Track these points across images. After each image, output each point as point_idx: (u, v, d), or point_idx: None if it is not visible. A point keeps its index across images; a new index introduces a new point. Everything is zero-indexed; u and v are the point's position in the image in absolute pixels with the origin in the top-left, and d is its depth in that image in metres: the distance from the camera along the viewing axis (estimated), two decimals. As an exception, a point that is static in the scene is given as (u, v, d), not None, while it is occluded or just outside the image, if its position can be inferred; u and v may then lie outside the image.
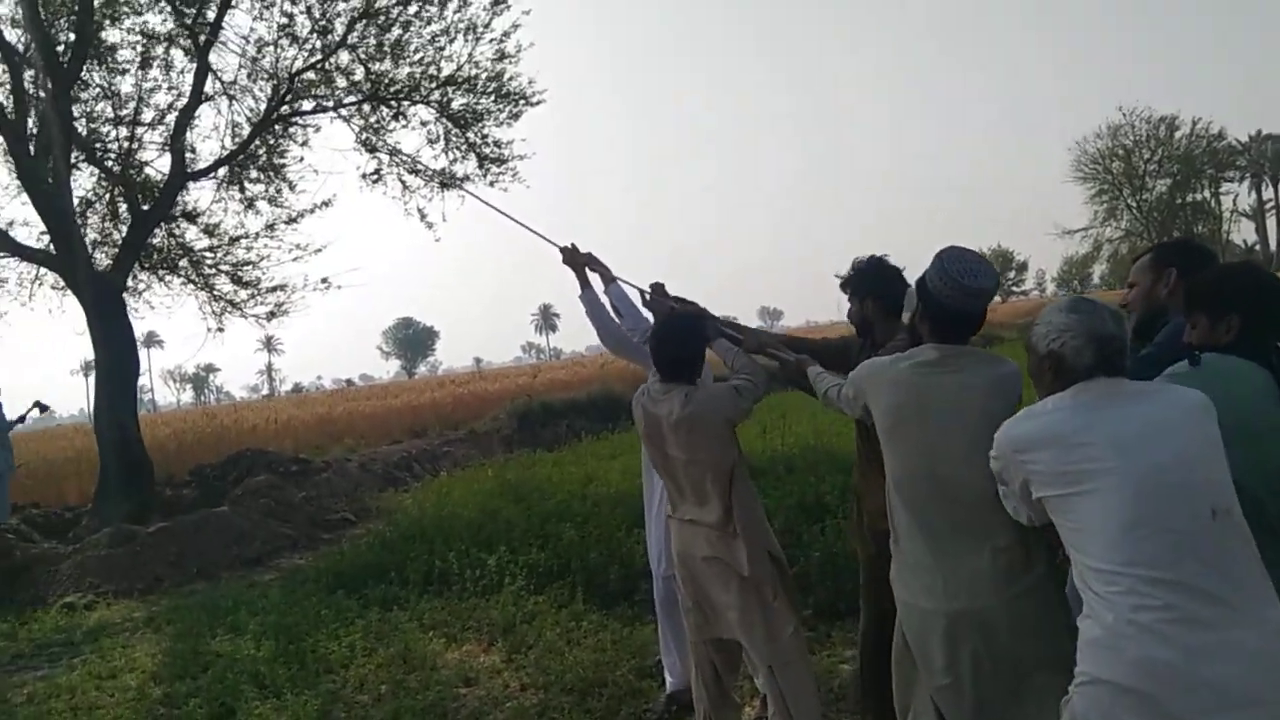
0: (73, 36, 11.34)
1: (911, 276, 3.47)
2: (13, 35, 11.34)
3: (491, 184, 13.44)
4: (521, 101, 13.13)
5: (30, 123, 11.36)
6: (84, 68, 11.57)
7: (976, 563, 2.71)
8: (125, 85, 12.57)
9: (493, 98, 13.05)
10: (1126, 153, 54.01)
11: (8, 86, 11.47)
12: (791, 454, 9.24)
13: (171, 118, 12.43)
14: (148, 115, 12.71)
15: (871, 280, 3.71)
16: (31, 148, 11.23)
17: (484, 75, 12.90)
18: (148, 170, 12.94)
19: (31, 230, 12.50)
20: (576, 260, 4.63)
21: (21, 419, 12.08)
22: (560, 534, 7.30)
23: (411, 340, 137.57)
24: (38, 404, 12.34)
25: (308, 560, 9.22)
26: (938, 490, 2.79)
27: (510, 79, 12.99)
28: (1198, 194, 55.40)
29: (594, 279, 4.62)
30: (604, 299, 4.58)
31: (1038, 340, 2.42)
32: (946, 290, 2.82)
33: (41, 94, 11.38)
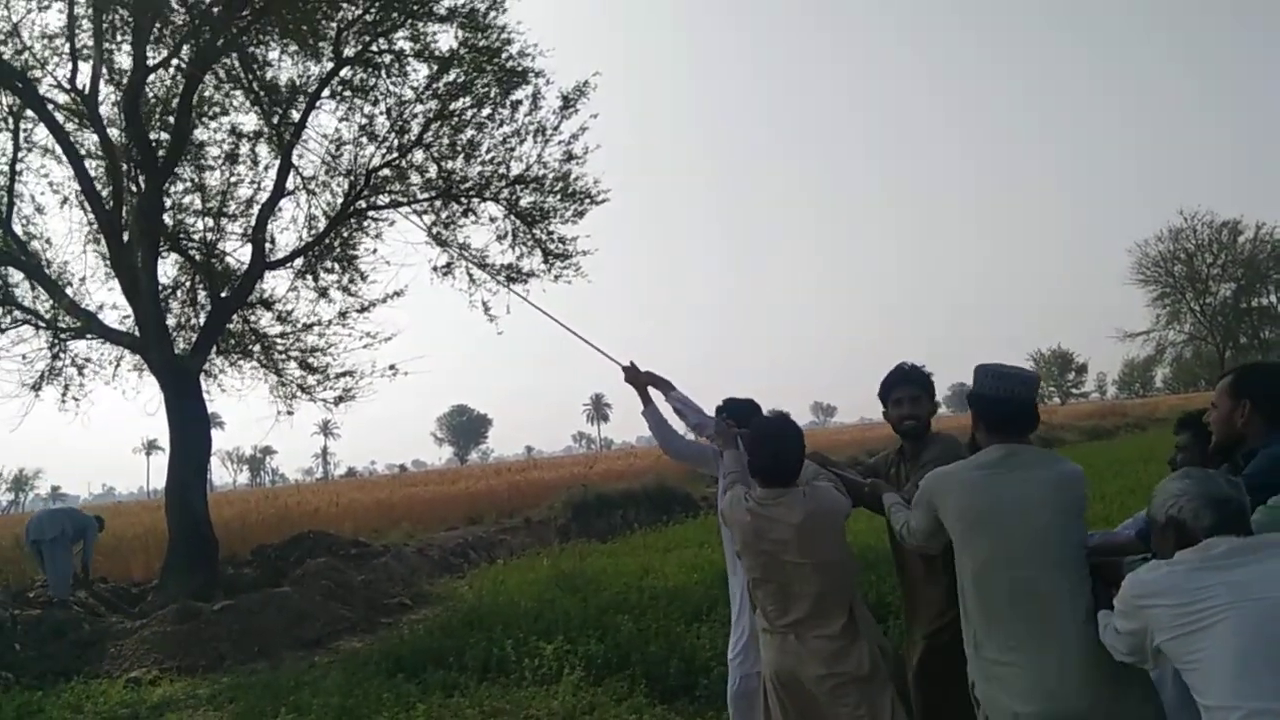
0: (167, 135, 12.02)
1: (964, 374, 3.69)
2: (113, 130, 12.08)
3: (555, 279, 13.76)
4: (586, 200, 13.50)
5: (124, 213, 11.96)
6: (177, 163, 12.22)
7: (1060, 663, 2.76)
8: (212, 179, 13.33)
9: (559, 196, 13.44)
10: (1189, 256, 53.57)
11: (105, 179, 12.14)
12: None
13: (254, 210, 13.08)
14: (231, 207, 13.44)
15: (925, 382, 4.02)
16: (124, 236, 11.80)
17: (551, 175, 13.36)
18: (228, 259, 13.55)
19: (117, 313, 13.13)
20: (638, 379, 4.80)
21: (82, 558, 11.83)
22: (618, 625, 7.34)
23: (465, 427, 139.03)
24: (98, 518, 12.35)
25: (366, 643, 9.30)
26: (1015, 589, 2.84)
27: (576, 179, 13.42)
28: (1263, 299, 54.55)
29: (654, 393, 4.78)
30: (665, 408, 4.74)
31: (1157, 510, 2.50)
32: (990, 384, 2.98)
33: (136, 187, 12.04)
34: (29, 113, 11.78)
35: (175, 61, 11.84)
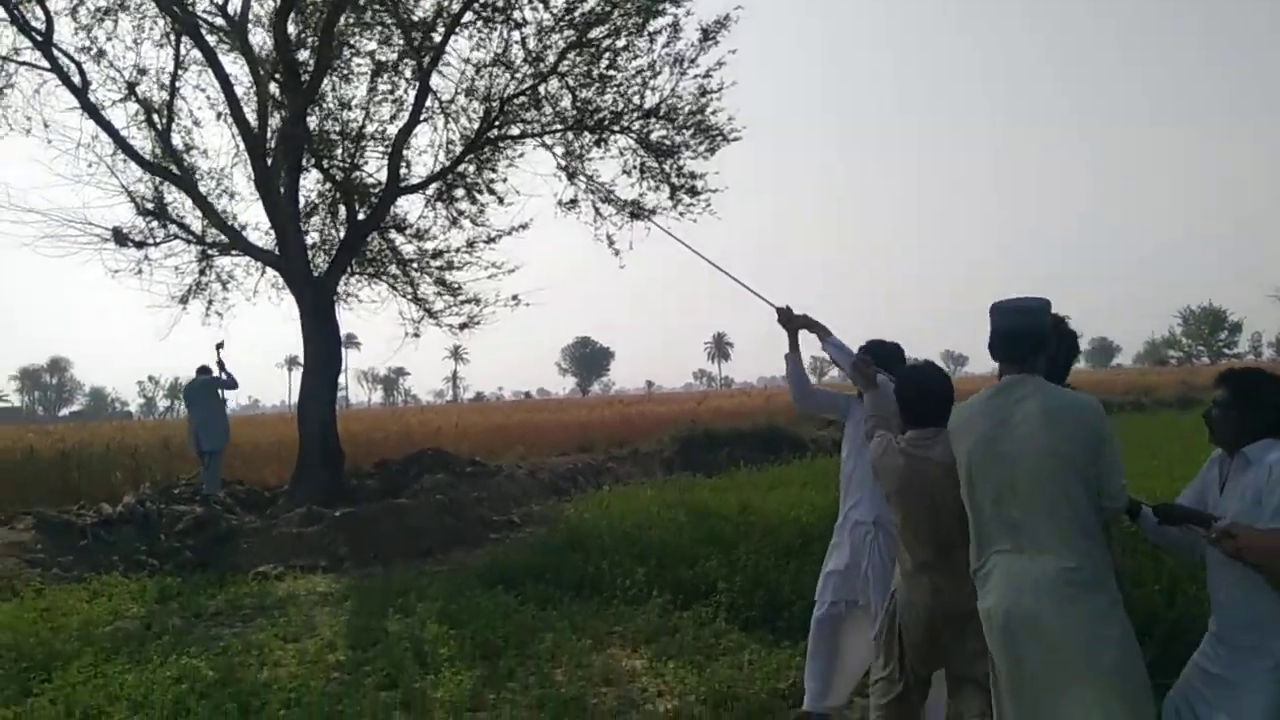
0: (312, 58, 12.44)
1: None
2: (259, 40, 12.55)
3: (681, 215, 13.59)
4: (719, 137, 13.25)
5: (269, 134, 12.53)
6: (320, 86, 12.67)
7: (1038, 571, 2.97)
8: (354, 102, 13.73)
9: (692, 131, 13.24)
10: (1364, 212, 49.42)
11: (252, 101, 12.71)
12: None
13: (392, 132, 13.38)
14: (371, 129, 13.80)
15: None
16: (269, 158, 12.39)
17: (686, 109, 13.12)
18: (366, 180, 13.86)
19: (259, 231, 13.83)
20: (792, 322, 4.77)
21: (228, 377, 12.91)
22: (709, 556, 7.54)
23: (588, 359, 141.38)
24: (218, 346, 13.04)
25: (473, 556, 9.79)
26: (1007, 503, 3.07)
27: (711, 113, 13.16)
28: None
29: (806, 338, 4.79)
30: (809, 357, 4.81)
31: None
32: (993, 318, 3.23)
33: (281, 110, 12.57)
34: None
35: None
